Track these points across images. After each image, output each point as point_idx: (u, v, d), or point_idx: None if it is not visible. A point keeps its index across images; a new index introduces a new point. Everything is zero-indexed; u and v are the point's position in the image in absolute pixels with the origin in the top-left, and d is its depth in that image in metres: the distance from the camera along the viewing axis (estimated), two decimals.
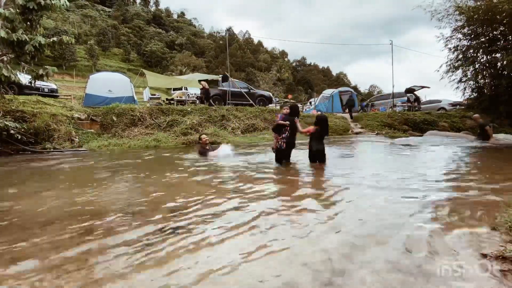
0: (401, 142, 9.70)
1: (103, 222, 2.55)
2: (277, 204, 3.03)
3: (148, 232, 2.28)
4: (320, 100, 19.83)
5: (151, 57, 60.14)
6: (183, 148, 8.85)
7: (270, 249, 1.95)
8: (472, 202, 2.97)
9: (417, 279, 1.57)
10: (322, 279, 1.56)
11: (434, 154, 7.15)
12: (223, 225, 2.41)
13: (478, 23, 12.12)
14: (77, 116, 9.73)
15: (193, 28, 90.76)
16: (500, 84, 11.80)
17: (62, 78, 38.09)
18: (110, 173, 4.96)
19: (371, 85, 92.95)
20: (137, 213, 2.79)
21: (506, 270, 1.61)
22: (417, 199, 3.06)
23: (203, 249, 1.98)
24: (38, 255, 1.93)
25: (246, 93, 14.78)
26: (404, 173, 4.58)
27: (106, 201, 3.23)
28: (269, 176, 4.61)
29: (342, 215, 2.64)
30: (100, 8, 72.98)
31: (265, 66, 77.25)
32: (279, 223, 2.45)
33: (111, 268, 1.75)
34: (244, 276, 1.64)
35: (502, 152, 7.55)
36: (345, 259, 1.78)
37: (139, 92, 18.49)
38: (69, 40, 7.61)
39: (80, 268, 1.75)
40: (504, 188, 3.55)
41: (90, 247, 2.04)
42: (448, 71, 13.36)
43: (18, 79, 7.58)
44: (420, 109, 16.49)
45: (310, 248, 1.95)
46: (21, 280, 1.63)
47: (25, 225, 2.52)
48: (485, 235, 2.11)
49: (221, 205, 2.97)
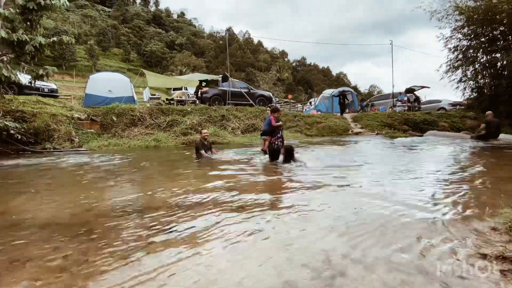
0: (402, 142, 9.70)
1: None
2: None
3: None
4: (320, 100, 19.84)
5: (151, 57, 60.20)
6: (183, 148, 8.85)
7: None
8: (472, 202, 2.97)
9: (416, 279, 1.57)
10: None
11: (433, 154, 7.15)
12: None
13: (478, 23, 12.15)
14: (77, 116, 9.73)
15: (193, 28, 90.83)
16: (500, 84, 11.82)
17: (62, 78, 38.12)
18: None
19: (371, 85, 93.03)
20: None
21: (506, 270, 1.62)
22: (415, 199, 3.07)
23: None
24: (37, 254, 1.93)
25: (246, 93, 14.79)
26: (402, 171, 4.59)
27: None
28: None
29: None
30: (100, 8, 73.04)
31: (265, 66, 77.33)
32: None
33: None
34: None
35: (503, 152, 7.54)
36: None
37: (139, 92, 18.50)
38: (69, 40, 7.62)
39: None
40: (504, 188, 3.55)
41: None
42: (448, 71, 13.40)
43: (18, 79, 7.58)
44: (420, 109, 16.51)
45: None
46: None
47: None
48: (485, 235, 2.11)
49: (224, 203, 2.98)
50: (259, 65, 77.35)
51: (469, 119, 14.03)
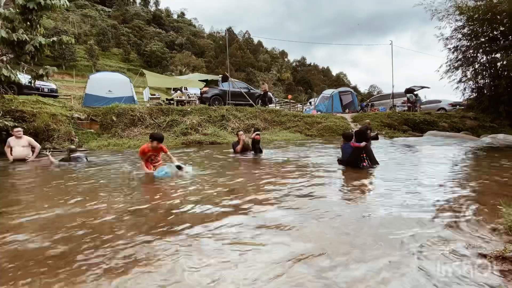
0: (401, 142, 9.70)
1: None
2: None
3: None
4: (320, 100, 19.84)
5: (151, 57, 60.17)
6: (183, 147, 8.86)
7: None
8: (472, 202, 2.97)
9: (415, 279, 1.57)
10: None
11: (433, 154, 7.15)
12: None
13: (478, 23, 12.13)
14: (76, 116, 9.73)
15: (193, 28, 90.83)
16: (499, 85, 11.81)
17: (62, 78, 38.09)
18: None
19: (371, 85, 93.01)
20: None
21: (506, 270, 1.61)
22: (417, 199, 3.07)
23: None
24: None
25: (246, 93, 14.79)
26: (401, 173, 4.58)
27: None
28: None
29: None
30: (100, 8, 72.98)
31: (265, 66, 77.32)
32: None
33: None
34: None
35: (503, 152, 7.54)
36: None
37: (139, 92, 18.49)
38: (69, 40, 7.61)
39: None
40: (504, 188, 3.55)
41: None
42: (447, 71, 13.38)
43: (18, 79, 7.57)
44: (420, 109, 16.51)
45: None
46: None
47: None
48: (485, 235, 2.11)
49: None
50: (259, 65, 77.37)
51: (469, 119, 14.04)
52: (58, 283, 1.56)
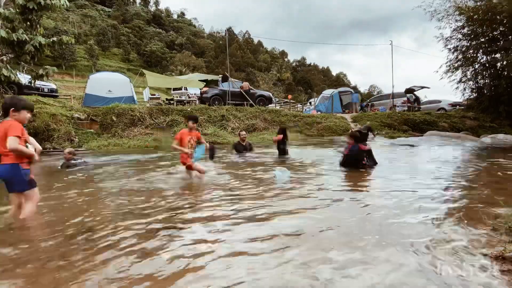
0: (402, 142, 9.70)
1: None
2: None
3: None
4: (320, 100, 19.81)
5: (151, 57, 60.11)
6: None
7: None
8: (472, 202, 2.97)
9: (416, 279, 1.57)
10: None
11: (433, 155, 7.15)
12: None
13: (478, 23, 12.14)
14: (76, 116, 9.73)
15: (193, 28, 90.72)
16: (499, 85, 11.82)
17: (62, 78, 38.04)
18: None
19: (371, 85, 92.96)
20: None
21: (506, 270, 1.61)
22: (417, 199, 3.07)
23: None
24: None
25: (246, 93, 14.78)
26: (401, 172, 4.58)
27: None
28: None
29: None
30: (100, 8, 72.94)
31: (265, 66, 77.30)
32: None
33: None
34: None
35: (503, 152, 7.55)
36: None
37: (139, 92, 18.48)
38: (69, 40, 7.62)
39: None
40: (504, 188, 3.55)
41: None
42: (447, 71, 13.39)
43: (18, 79, 7.58)
44: (420, 109, 16.50)
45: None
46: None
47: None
48: (485, 235, 2.11)
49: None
50: (259, 65, 77.34)
51: (469, 120, 14.03)
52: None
